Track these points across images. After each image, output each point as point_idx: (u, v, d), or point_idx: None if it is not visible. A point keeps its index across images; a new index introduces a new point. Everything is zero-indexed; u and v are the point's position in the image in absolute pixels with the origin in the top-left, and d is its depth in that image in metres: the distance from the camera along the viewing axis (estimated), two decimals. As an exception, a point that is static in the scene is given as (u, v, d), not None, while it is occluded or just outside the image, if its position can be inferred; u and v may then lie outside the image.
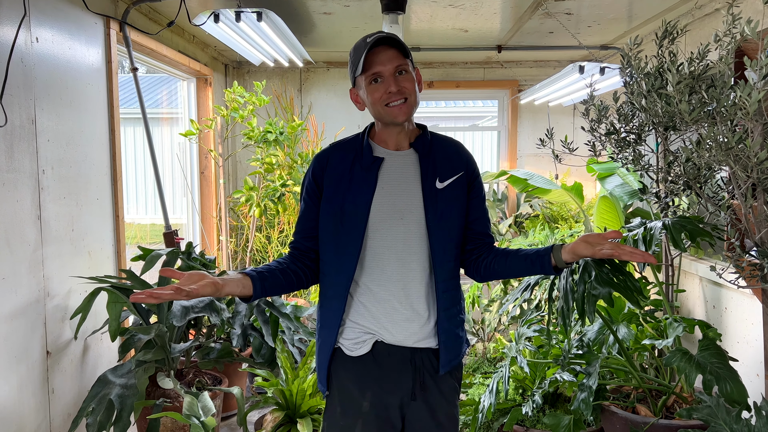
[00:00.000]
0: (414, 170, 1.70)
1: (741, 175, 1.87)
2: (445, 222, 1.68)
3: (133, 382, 2.24)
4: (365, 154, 1.70)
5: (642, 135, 2.41)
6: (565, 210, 4.72)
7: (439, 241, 1.67)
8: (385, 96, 1.62)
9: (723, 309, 3.07)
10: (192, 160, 4.50)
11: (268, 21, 2.95)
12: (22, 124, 2.28)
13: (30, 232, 2.33)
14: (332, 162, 1.71)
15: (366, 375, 1.67)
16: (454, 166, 1.73)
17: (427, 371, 1.70)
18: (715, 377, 2.06)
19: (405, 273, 1.66)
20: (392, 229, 1.66)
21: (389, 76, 1.61)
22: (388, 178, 1.68)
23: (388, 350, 1.67)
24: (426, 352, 1.70)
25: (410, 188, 1.69)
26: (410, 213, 1.67)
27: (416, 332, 1.68)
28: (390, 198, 1.67)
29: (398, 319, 1.67)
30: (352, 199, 1.66)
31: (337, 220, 1.67)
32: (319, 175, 1.71)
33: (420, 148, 1.71)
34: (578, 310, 2.04)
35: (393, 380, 1.67)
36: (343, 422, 1.67)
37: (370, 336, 1.68)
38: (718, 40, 2.02)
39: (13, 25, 2.22)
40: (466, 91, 5.27)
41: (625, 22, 3.73)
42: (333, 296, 1.70)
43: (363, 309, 1.68)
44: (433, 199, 1.68)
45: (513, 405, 2.76)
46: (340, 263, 1.67)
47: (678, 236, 2.12)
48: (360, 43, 1.64)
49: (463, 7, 3.38)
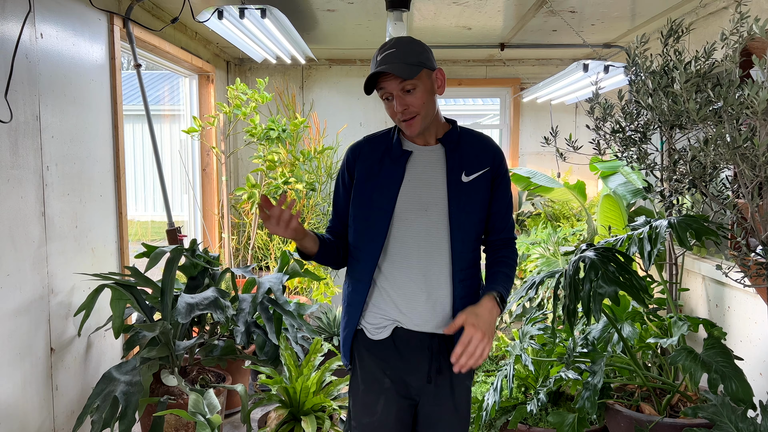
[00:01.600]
0: (441, 164, 1.78)
1: (748, 173, 1.86)
2: (467, 215, 1.76)
3: (137, 379, 2.24)
4: (395, 147, 1.80)
5: (647, 133, 2.41)
6: (567, 208, 4.72)
7: (460, 232, 1.75)
8: (397, 114, 1.72)
9: (726, 308, 3.07)
10: (194, 157, 4.49)
11: (272, 18, 2.94)
12: (27, 121, 2.27)
13: (34, 228, 2.32)
14: (364, 153, 1.82)
15: (387, 358, 1.78)
16: (481, 160, 1.80)
17: (443, 356, 1.77)
18: (720, 376, 2.06)
19: (426, 262, 1.75)
20: (417, 220, 1.75)
21: (397, 96, 1.69)
22: (415, 171, 1.77)
23: (407, 336, 1.77)
24: (443, 338, 1.78)
25: (436, 182, 1.77)
26: (435, 206, 1.75)
27: (434, 319, 1.76)
28: (416, 190, 1.76)
29: (418, 306, 1.76)
30: (380, 189, 1.77)
31: (365, 208, 1.78)
32: (351, 165, 1.83)
33: (448, 143, 1.79)
34: (584, 308, 2.04)
35: (412, 364, 1.77)
36: (366, 399, 1.79)
37: (390, 322, 1.78)
38: (724, 39, 2.02)
39: (18, 21, 2.21)
40: (469, 89, 5.26)
41: (628, 21, 3.73)
42: (359, 279, 1.81)
43: (386, 295, 1.78)
44: (457, 192, 1.75)
45: (516, 403, 2.75)
46: (366, 249, 1.78)
47: (684, 235, 2.12)
48: (374, 57, 1.72)
49: (467, 5, 3.37)
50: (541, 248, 3.91)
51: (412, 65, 1.67)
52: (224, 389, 2.79)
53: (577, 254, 2.24)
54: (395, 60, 1.66)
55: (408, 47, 1.70)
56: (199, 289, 2.77)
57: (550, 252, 3.84)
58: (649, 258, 2.14)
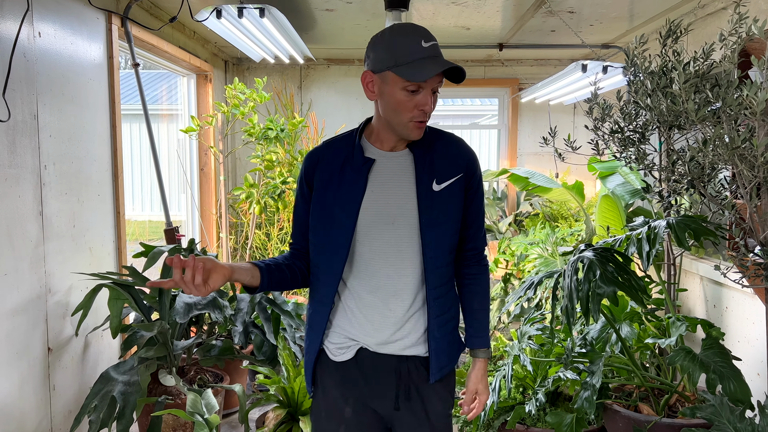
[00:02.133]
0: (409, 172, 1.60)
1: (747, 174, 1.87)
2: (440, 227, 1.60)
3: (135, 379, 2.24)
4: (356, 154, 1.61)
5: (646, 134, 2.41)
6: (566, 209, 4.72)
7: (433, 246, 1.59)
8: (415, 112, 1.51)
9: (724, 308, 3.07)
10: (192, 156, 4.49)
11: (271, 17, 2.94)
12: (25, 120, 2.27)
13: (32, 228, 2.31)
14: (323, 161, 1.63)
15: (349, 381, 1.64)
16: (454, 166, 1.63)
17: (413, 381, 1.63)
18: (718, 376, 2.06)
19: (396, 279, 1.59)
20: (383, 234, 1.58)
21: (428, 93, 1.51)
22: (379, 181, 1.59)
23: (372, 358, 1.62)
24: (413, 360, 1.63)
25: (403, 191, 1.59)
26: (402, 218, 1.58)
27: (404, 340, 1.61)
28: (381, 202, 1.59)
29: (386, 327, 1.60)
30: (341, 202, 1.59)
31: (325, 223, 1.60)
32: (310, 173, 1.64)
33: (417, 147, 1.61)
34: (582, 308, 2.04)
35: (376, 389, 1.63)
36: (326, 426, 1.66)
37: (354, 343, 1.63)
38: (723, 39, 2.02)
39: (16, 20, 2.20)
40: (467, 89, 5.26)
41: (626, 21, 3.73)
42: (321, 299, 1.64)
43: (350, 314, 1.63)
44: (428, 202, 1.58)
45: (514, 403, 2.75)
46: (328, 266, 1.61)
47: (682, 235, 2.12)
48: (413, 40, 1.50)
49: (466, 5, 3.37)
50: (540, 248, 3.91)
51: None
52: (222, 389, 2.78)
53: (575, 254, 2.24)
54: (447, 62, 1.49)
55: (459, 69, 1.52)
56: (197, 288, 2.75)
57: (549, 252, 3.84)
58: (648, 258, 2.14)
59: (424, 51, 1.48)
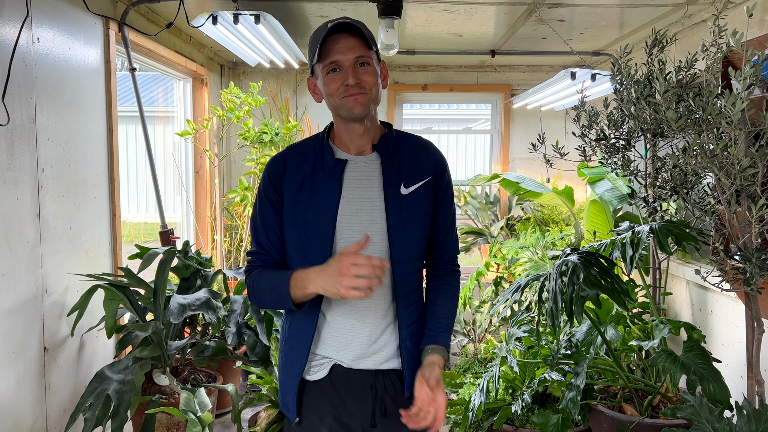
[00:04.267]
0: (377, 177, 1.54)
1: (725, 181, 1.93)
2: (409, 230, 1.53)
3: (130, 378, 2.28)
4: (326, 156, 1.54)
5: (631, 141, 2.47)
6: (557, 213, 4.78)
7: (402, 253, 1.53)
8: (342, 88, 1.45)
9: (709, 312, 3.13)
10: (187, 159, 4.53)
11: (266, 23, 2.99)
12: (23, 123, 2.31)
13: (29, 229, 2.36)
14: (291, 166, 1.55)
15: (323, 400, 1.56)
16: (422, 170, 1.57)
17: (389, 396, 1.57)
18: (698, 377, 2.11)
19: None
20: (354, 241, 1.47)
21: (348, 67, 1.44)
22: (351, 186, 1.53)
23: (346, 374, 1.55)
24: (389, 374, 1.58)
25: (372, 197, 1.53)
26: (372, 225, 1.52)
27: (377, 353, 1.55)
28: (354, 208, 1.52)
29: (357, 341, 1.54)
30: (316, 207, 1.50)
31: (300, 231, 1.52)
32: (277, 181, 1.54)
33: (383, 150, 1.55)
34: (567, 311, 2.09)
35: (351, 407, 1.55)
36: None
37: (327, 360, 1.56)
38: (705, 50, 2.08)
39: (16, 26, 2.25)
40: (460, 94, 5.32)
41: (616, 29, 3.80)
42: (302, 315, 1.55)
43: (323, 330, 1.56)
44: (396, 206, 1.52)
45: (503, 404, 2.81)
46: None
47: (665, 240, 2.17)
48: (320, 28, 1.47)
49: (458, 13, 3.43)
50: (530, 252, 3.97)
51: (372, 41, 1.47)
52: (215, 389, 2.83)
53: (561, 258, 2.29)
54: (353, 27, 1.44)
55: (360, 23, 1.47)
56: (191, 290, 2.81)
57: (539, 256, 3.90)
58: (631, 262, 2.20)
59: (327, 30, 1.43)
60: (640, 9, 3.30)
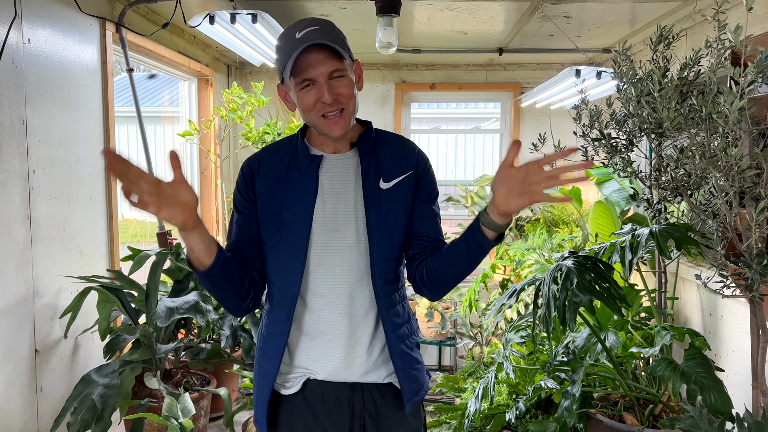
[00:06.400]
0: (355, 172, 1.48)
1: (723, 184, 1.84)
2: (389, 226, 1.46)
3: (116, 382, 2.26)
4: (301, 153, 1.49)
5: (633, 140, 2.38)
6: (566, 214, 4.68)
7: (381, 249, 1.45)
8: (319, 105, 1.39)
9: (719, 317, 3.02)
10: (192, 160, 4.52)
11: (264, 22, 2.95)
12: (12, 125, 2.30)
13: (19, 231, 2.35)
14: (265, 166, 1.50)
15: (297, 419, 1.47)
16: (402, 164, 1.51)
17: (369, 414, 1.46)
18: (699, 387, 2.03)
19: (350, 294, 1.45)
20: (329, 243, 1.45)
21: (324, 83, 1.38)
22: (327, 182, 1.48)
23: (321, 389, 1.46)
24: (370, 389, 1.47)
25: (349, 194, 1.47)
26: (348, 224, 1.45)
27: (358, 365, 1.46)
28: (330, 206, 1.46)
29: (334, 351, 1.45)
30: (290, 205, 1.45)
31: (275, 230, 1.46)
32: (250, 181, 1.50)
33: (362, 145, 1.50)
34: (560, 317, 2.02)
35: (326, 424, 1.45)
36: None
37: (300, 373, 1.48)
38: (708, 46, 2.00)
39: (3, 27, 2.24)
40: (469, 93, 5.24)
41: (627, 26, 3.70)
42: (276, 319, 1.49)
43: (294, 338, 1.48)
44: (375, 200, 1.46)
45: (505, 410, 2.74)
46: (282, 283, 1.47)
47: (664, 244, 2.09)
48: (289, 36, 1.39)
49: (460, 10, 3.36)
50: (537, 254, 3.89)
51: (344, 48, 1.39)
52: (208, 393, 2.80)
53: (557, 262, 2.22)
54: (322, 38, 1.35)
55: (331, 26, 1.41)
56: (183, 292, 2.78)
57: (545, 258, 3.81)
58: (630, 267, 2.12)
59: (297, 43, 1.35)
60: (649, 4, 3.20)
